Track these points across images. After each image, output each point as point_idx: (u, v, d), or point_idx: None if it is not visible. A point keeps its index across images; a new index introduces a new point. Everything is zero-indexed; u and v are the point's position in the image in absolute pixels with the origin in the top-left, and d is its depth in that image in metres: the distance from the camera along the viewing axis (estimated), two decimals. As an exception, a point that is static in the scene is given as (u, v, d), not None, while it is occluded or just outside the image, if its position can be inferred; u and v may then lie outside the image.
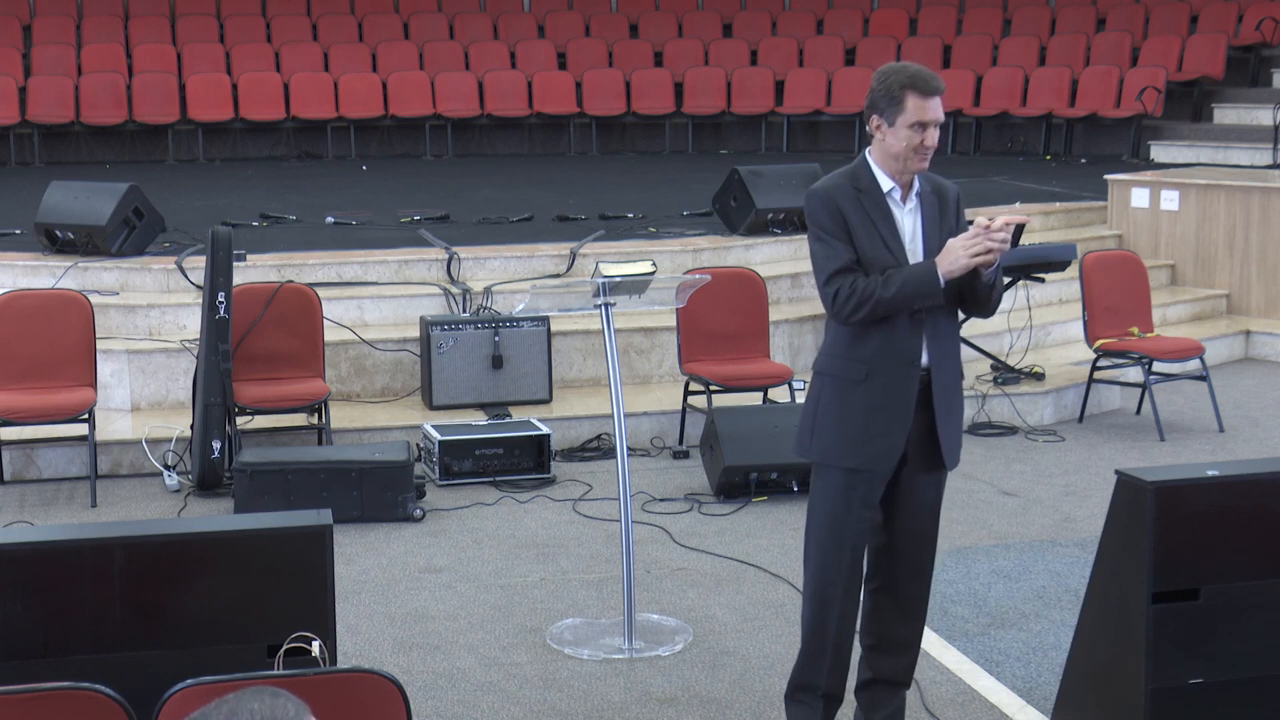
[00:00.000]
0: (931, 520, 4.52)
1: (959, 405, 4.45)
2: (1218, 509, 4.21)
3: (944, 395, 4.36)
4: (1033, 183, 13.19)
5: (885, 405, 4.29)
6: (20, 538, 3.80)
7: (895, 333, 4.28)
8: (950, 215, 4.38)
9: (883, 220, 4.29)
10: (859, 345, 4.32)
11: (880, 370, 4.29)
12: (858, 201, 4.30)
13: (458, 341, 8.07)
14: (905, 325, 4.28)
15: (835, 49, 17.46)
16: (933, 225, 4.33)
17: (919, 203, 4.35)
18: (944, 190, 4.41)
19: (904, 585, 4.51)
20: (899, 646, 4.54)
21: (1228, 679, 4.27)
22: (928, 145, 4.23)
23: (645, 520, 6.73)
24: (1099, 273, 8.55)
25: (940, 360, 4.36)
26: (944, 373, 4.37)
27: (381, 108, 16.24)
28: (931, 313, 4.31)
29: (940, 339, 4.36)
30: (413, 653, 5.36)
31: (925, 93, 4.23)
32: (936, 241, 4.30)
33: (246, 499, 6.78)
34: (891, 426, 4.29)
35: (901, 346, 4.29)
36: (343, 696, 3.02)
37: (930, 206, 4.36)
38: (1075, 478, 7.50)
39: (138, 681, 3.22)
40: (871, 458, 4.32)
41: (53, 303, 7.43)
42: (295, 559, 3.67)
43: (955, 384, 4.42)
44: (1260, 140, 14.46)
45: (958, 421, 4.43)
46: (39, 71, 15.96)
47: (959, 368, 4.46)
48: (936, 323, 4.33)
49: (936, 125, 4.27)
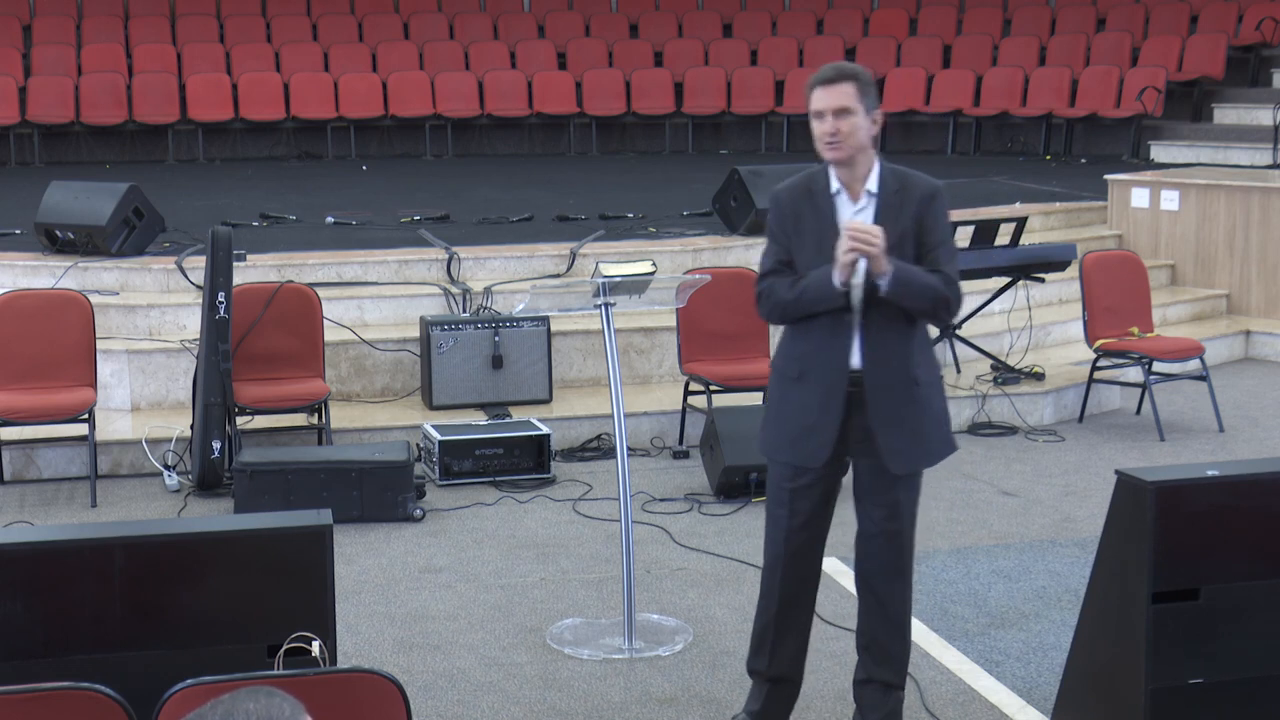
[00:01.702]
0: (895, 522, 4.44)
1: (911, 411, 4.35)
2: (1218, 509, 4.21)
3: (883, 400, 4.32)
4: (1033, 183, 13.19)
5: (815, 405, 4.37)
6: (20, 538, 3.80)
7: (825, 335, 4.35)
8: (910, 214, 4.31)
9: (822, 219, 4.33)
10: (795, 344, 4.45)
11: (811, 370, 4.38)
12: (808, 202, 4.37)
13: (458, 341, 8.07)
14: (833, 328, 4.33)
15: (835, 49, 17.44)
16: (884, 223, 4.28)
17: (873, 201, 4.33)
18: (910, 189, 4.35)
19: (879, 586, 4.51)
20: (883, 648, 4.53)
21: (1228, 679, 4.27)
22: (828, 133, 4.24)
23: (645, 520, 6.73)
24: (1099, 273, 8.55)
25: (879, 365, 4.33)
26: (884, 378, 4.33)
27: (381, 108, 16.25)
28: (870, 316, 4.29)
29: (880, 343, 4.32)
30: (413, 653, 5.37)
31: (819, 83, 4.28)
32: (889, 243, 4.25)
33: (246, 499, 6.78)
34: (819, 427, 4.36)
35: (830, 349, 4.34)
36: (343, 696, 3.02)
37: (888, 205, 4.32)
38: (1075, 478, 7.50)
39: (138, 681, 3.22)
40: (802, 455, 4.42)
41: (53, 303, 7.43)
42: (295, 559, 3.67)
43: (904, 390, 4.35)
44: (1260, 140, 14.46)
45: (905, 428, 4.35)
46: (39, 71, 15.96)
47: (911, 373, 4.35)
48: (875, 327, 4.31)
49: (836, 113, 4.24)
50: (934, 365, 4.49)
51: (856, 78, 4.27)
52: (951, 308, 4.35)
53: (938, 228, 4.34)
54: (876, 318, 4.30)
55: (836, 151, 4.27)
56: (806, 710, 4.86)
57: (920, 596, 5.85)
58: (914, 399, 4.36)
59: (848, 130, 4.24)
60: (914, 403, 4.36)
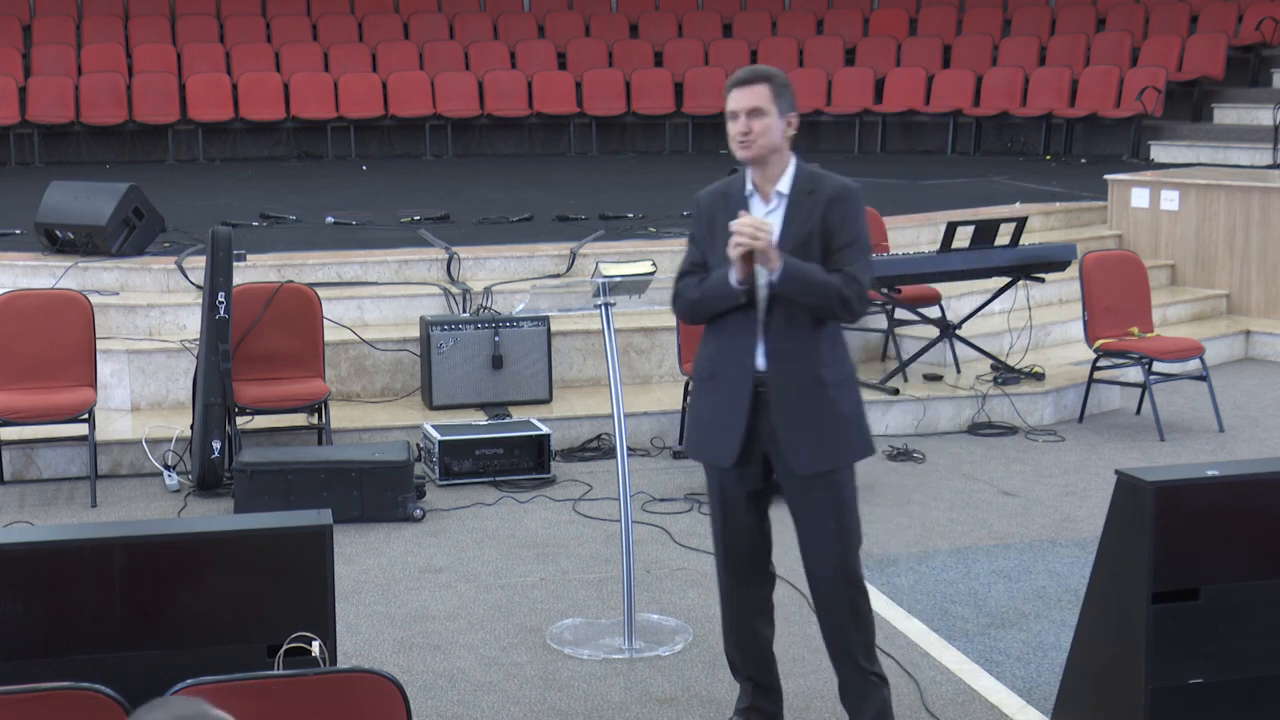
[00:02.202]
0: (817, 521, 4.41)
1: (816, 411, 4.34)
2: (1218, 509, 4.21)
3: (786, 400, 4.34)
4: (1033, 183, 13.19)
5: (724, 405, 4.42)
6: (20, 538, 3.80)
7: (732, 335, 4.41)
8: (818, 214, 4.32)
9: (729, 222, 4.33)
10: (707, 344, 4.51)
11: (720, 370, 4.44)
12: (724, 205, 4.41)
13: (458, 341, 8.07)
14: (740, 328, 4.37)
15: (835, 49, 17.46)
16: (792, 226, 4.31)
17: (783, 202, 4.37)
18: (822, 190, 4.36)
19: (814, 584, 4.50)
20: (832, 647, 4.53)
21: (1228, 679, 4.27)
22: (740, 132, 4.30)
23: (645, 520, 6.73)
24: (1099, 273, 8.55)
25: (784, 366, 4.34)
26: (787, 378, 4.34)
27: (381, 108, 16.25)
28: (774, 315, 4.32)
29: (784, 343, 4.34)
30: (413, 653, 5.37)
31: (735, 84, 4.34)
32: (790, 240, 4.29)
33: (246, 499, 6.78)
34: (728, 426, 4.41)
35: (736, 349, 4.40)
36: (343, 696, 3.02)
37: (798, 207, 4.35)
38: (1075, 478, 7.50)
39: (138, 681, 3.21)
40: (714, 454, 4.48)
41: (53, 303, 7.43)
42: (295, 559, 3.67)
43: (808, 390, 4.34)
44: (1260, 140, 14.46)
45: (810, 428, 4.34)
46: (39, 71, 15.96)
47: (816, 373, 4.34)
48: (779, 326, 4.33)
49: (749, 113, 4.29)
50: (845, 366, 4.46)
51: (771, 80, 4.33)
52: (851, 306, 4.31)
53: (844, 228, 4.32)
54: (780, 317, 4.33)
55: (747, 150, 4.32)
56: (806, 710, 4.86)
57: (920, 596, 5.86)
58: (820, 399, 4.35)
59: (760, 130, 4.29)
60: (820, 402, 4.35)
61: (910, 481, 7.43)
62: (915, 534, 6.65)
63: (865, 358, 9.28)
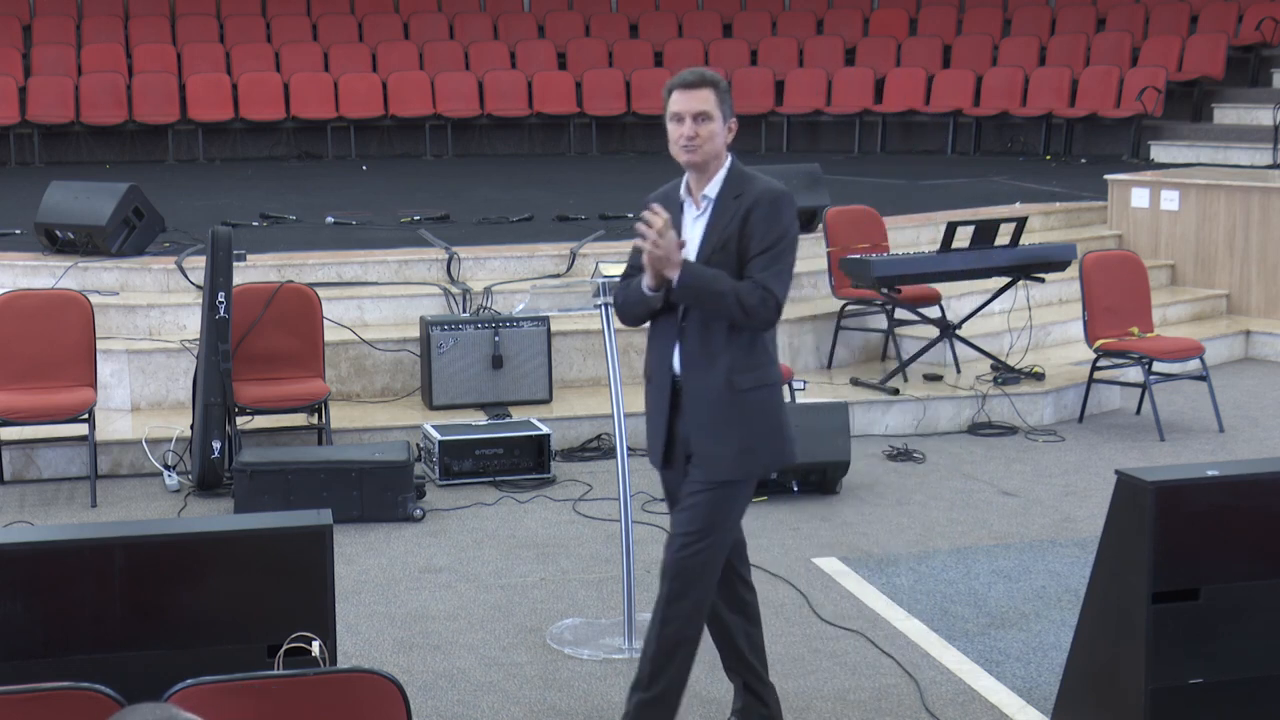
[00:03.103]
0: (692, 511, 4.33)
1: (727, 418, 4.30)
2: (1218, 509, 4.21)
3: (697, 405, 4.34)
4: (1033, 183, 13.20)
5: (653, 407, 4.50)
6: (20, 538, 3.80)
7: (658, 338, 4.46)
8: (739, 218, 4.26)
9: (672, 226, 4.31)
10: (651, 345, 4.55)
11: (652, 373, 4.50)
12: (665, 209, 4.37)
13: (458, 341, 8.07)
14: (664, 331, 4.41)
15: (835, 49, 17.46)
16: (714, 233, 4.29)
17: (709, 209, 4.35)
18: (748, 193, 4.30)
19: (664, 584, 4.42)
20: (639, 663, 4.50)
21: (1228, 679, 4.27)
22: (686, 136, 4.26)
23: (645, 520, 6.73)
24: (1099, 273, 8.55)
25: (695, 371, 4.33)
26: (699, 383, 4.33)
27: (381, 108, 16.25)
28: (689, 320, 4.31)
29: (699, 348, 4.32)
30: (413, 653, 5.37)
31: (679, 86, 4.31)
32: (708, 246, 4.28)
33: (246, 499, 6.78)
34: (655, 428, 4.49)
35: (662, 352, 4.44)
36: (343, 696, 3.02)
37: (723, 214, 4.32)
38: (1075, 478, 7.50)
39: (138, 681, 3.21)
40: (651, 455, 4.55)
41: (53, 303, 7.43)
42: (295, 559, 3.67)
43: (720, 395, 4.30)
44: (1260, 140, 14.46)
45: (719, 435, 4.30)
46: (39, 71, 15.96)
47: (730, 379, 4.29)
48: (694, 331, 4.32)
49: (695, 118, 4.26)
50: (764, 373, 4.37)
51: (716, 85, 4.30)
52: (755, 314, 4.21)
53: (760, 236, 4.26)
54: (695, 322, 4.33)
55: (692, 155, 4.29)
56: (806, 711, 4.86)
57: (920, 596, 5.87)
58: (732, 405, 4.31)
59: (705, 135, 4.26)
60: (732, 409, 4.31)
61: (910, 481, 7.43)
62: (915, 534, 6.65)
63: (865, 358, 9.28)
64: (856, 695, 4.98)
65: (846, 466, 7.17)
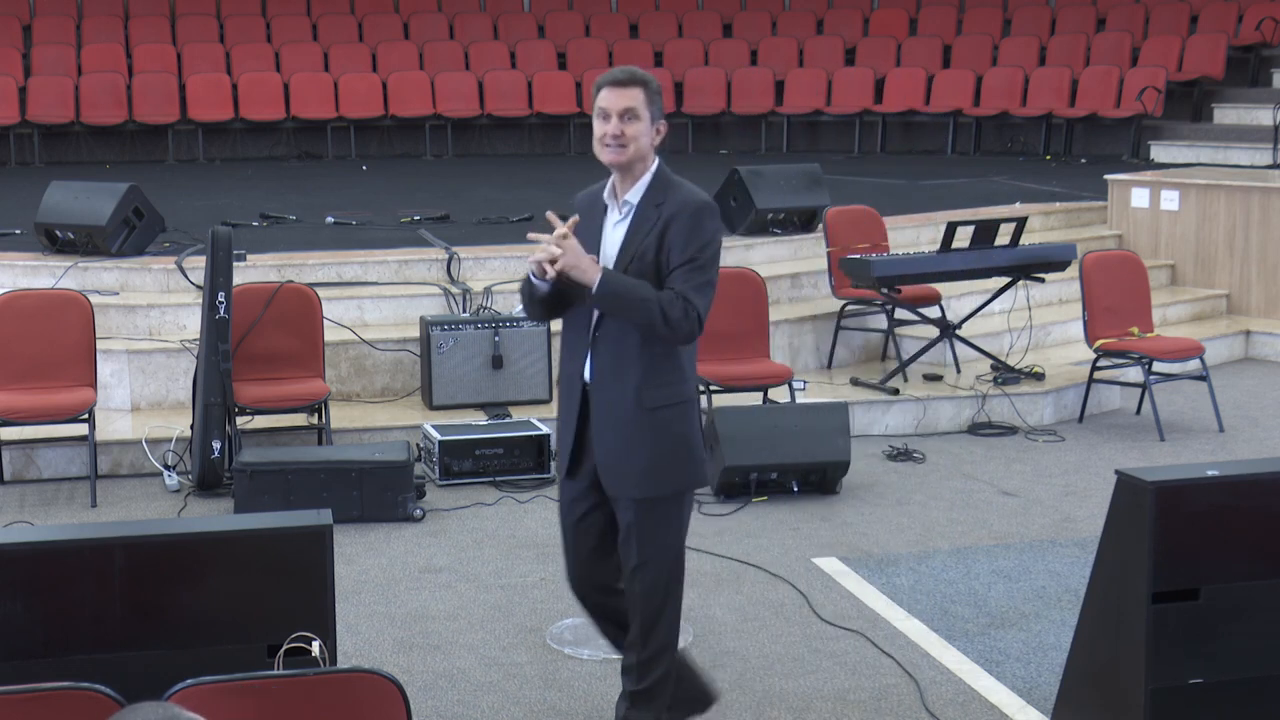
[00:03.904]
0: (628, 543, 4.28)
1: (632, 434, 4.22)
2: (1218, 509, 4.21)
3: (604, 418, 4.24)
4: (1033, 183, 13.20)
5: (563, 414, 4.38)
6: (20, 538, 3.80)
7: (571, 347, 4.34)
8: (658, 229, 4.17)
9: (591, 230, 4.26)
10: (561, 355, 4.43)
11: (564, 380, 4.39)
12: (588, 209, 4.32)
13: (458, 341, 8.06)
14: (576, 338, 4.30)
15: (835, 49, 17.46)
16: (634, 239, 4.20)
17: (629, 214, 4.24)
18: (670, 202, 4.20)
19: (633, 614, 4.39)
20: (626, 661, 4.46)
21: (1228, 679, 4.27)
22: (611, 134, 4.16)
23: (645, 520, 6.72)
24: (1099, 273, 8.55)
25: (605, 382, 4.23)
26: (607, 395, 4.23)
27: (381, 108, 16.25)
28: (602, 331, 4.22)
29: (610, 360, 4.22)
30: (413, 653, 5.37)
31: (609, 83, 4.21)
32: (626, 255, 4.19)
33: (246, 499, 6.78)
34: (564, 438, 4.37)
35: (573, 359, 4.33)
36: (343, 696, 3.02)
37: (643, 222, 4.21)
38: (1075, 478, 7.50)
39: (138, 681, 3.21)
40: (560, 464, 4.42)
41: (53, 303, 7.43)
42: (295, 559, 3.67)
43: (627, 409, 4.21)
44: (1260, 140, 14.46)
45: (623, 450, 4.23)
46: (39, 71, 15.96)
47: (637, 393, 4.21)
48: (605, 343, 4.22)
49: (621, 115, 4.15)
50: (677, 389, 4.28)
51: (647, 84, 4.20)
52: (677, 327, 4.11)
53: (679, 247, 4.15)
54: (610, 333, 4.21)
55: (616, 154, 4.18)
56: (806, 710, 4.87)
57: (920, 596, 5.87)
58: (640, 422, 4.22)
59: (631, 134, 4.15)
60: (640, 426, 4.22)
61: (910, 481, 7.43)
62: (915, 534, 6.65)
63: (865, 358, 9.29)
64: (856, 695, 4.98)
65: (846, 466, 7.17)
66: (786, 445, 7.11)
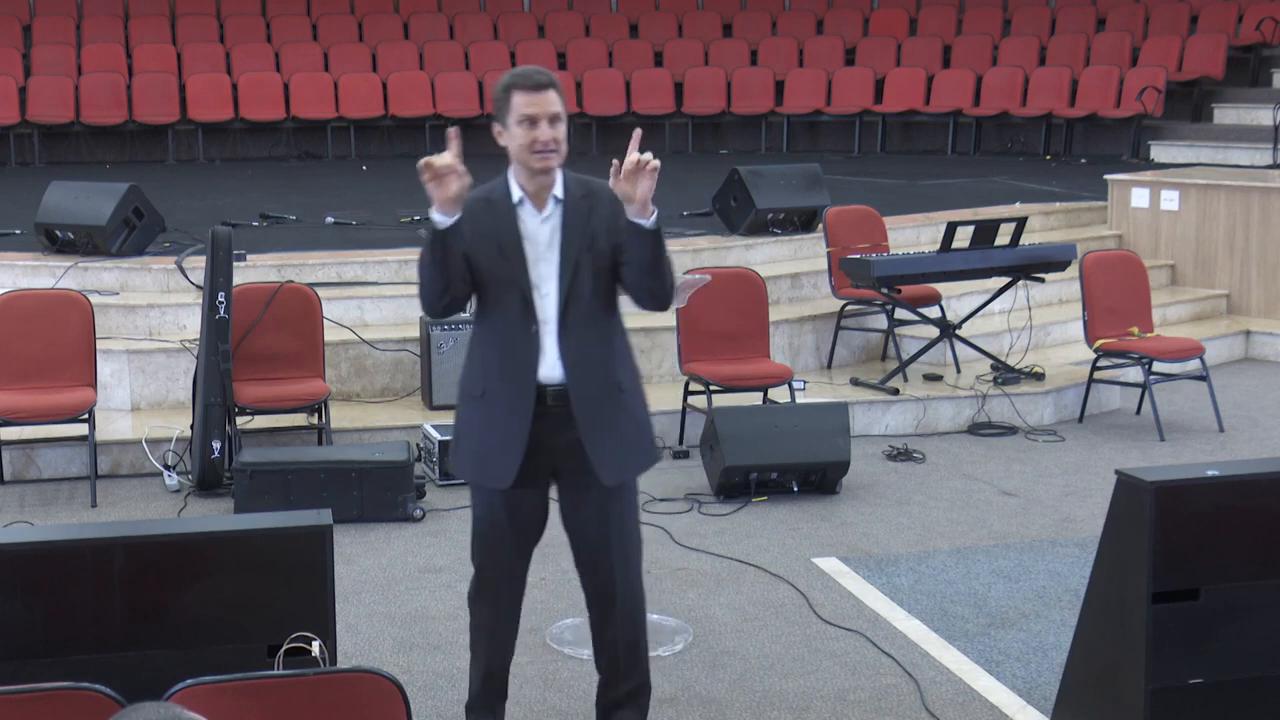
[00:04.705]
0: (603, 537, 4.33)
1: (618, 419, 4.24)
2: (1218, 509, 4.21)
3: (590, 409, 4.18)
4: (1033, 183, 13.20)
5: (499, 424, 4.22)
6: (20, 538, 3.79)
7: (510, 350, 4.19)
8: (603, 214, 4.17)
9: (506, 232, 4.17)
10: (480, 360, 4.28)
11: (495, 387, 4.23)
12: (485, 213, 4.20)
13: (458, 342, 8.06)
14: (520, 343, 4.18)
15: (835, 49, 17.47)
16: (575, 229, 4.17)
17: (559, 209, 4.19)
18: (597, 192, 4.22)
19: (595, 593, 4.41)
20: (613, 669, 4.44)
21: (1228, 679, 4.27)
22: (543, 140, 4.08)
23: (645, 520, 6.71)
24: (1099, 273, 8.55)
25: (583, 371, 4.18)
26: (588, 386, 4.18)
27: (381, 108, 16.25)
28: (569, 322, 4.16)
29: (582, 350, 4.18)
30: (413, 653, 5.37)
31: (528, 87, 4.08)
32: (578, 244, 4.16)
33: (246, 499, 6.78)
34: (505, 446, 4.20)
35: (517, 361, 4.18)
36: (343, 696, 3.02)
37: (574, 211, 4.19)
38: (1075, 478, 7.50)
39: (138, 681, 3.21)
40: (488, 475, 4.26)
41: (53, 303, 7.43)
42: (295, 559, 3.67)
43: (609, 396, 4.22)
44: (1260, 140, 14.46)
45: (614, 436, 4.23)
46: (39, 71, 15.96)
47: (615, 378, 4.24)
48: (575, 333, 4.17)
49: (551, 120, 4.09)
50: (635, 370, 4.35)
51: (557, 84, 4.15)
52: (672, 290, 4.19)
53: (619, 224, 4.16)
54: (576, 324, 4.17)
55: (553, 160, 4.12)
56: (806, 710, 4.86)
57: (920, 596, 5.86)
58: (620, 405, 4.25)
59: (561, 138, 4.12)
60: (620, 409, 4.25)
61: (910, 481, 7.43)
62: (915, 534, 6.65)
63: (865, 358, 9.28)
64: (856, 695, 4.98)
65: (846, 466, 7.17)
66: (786, 445, 7.11)
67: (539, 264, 4.18)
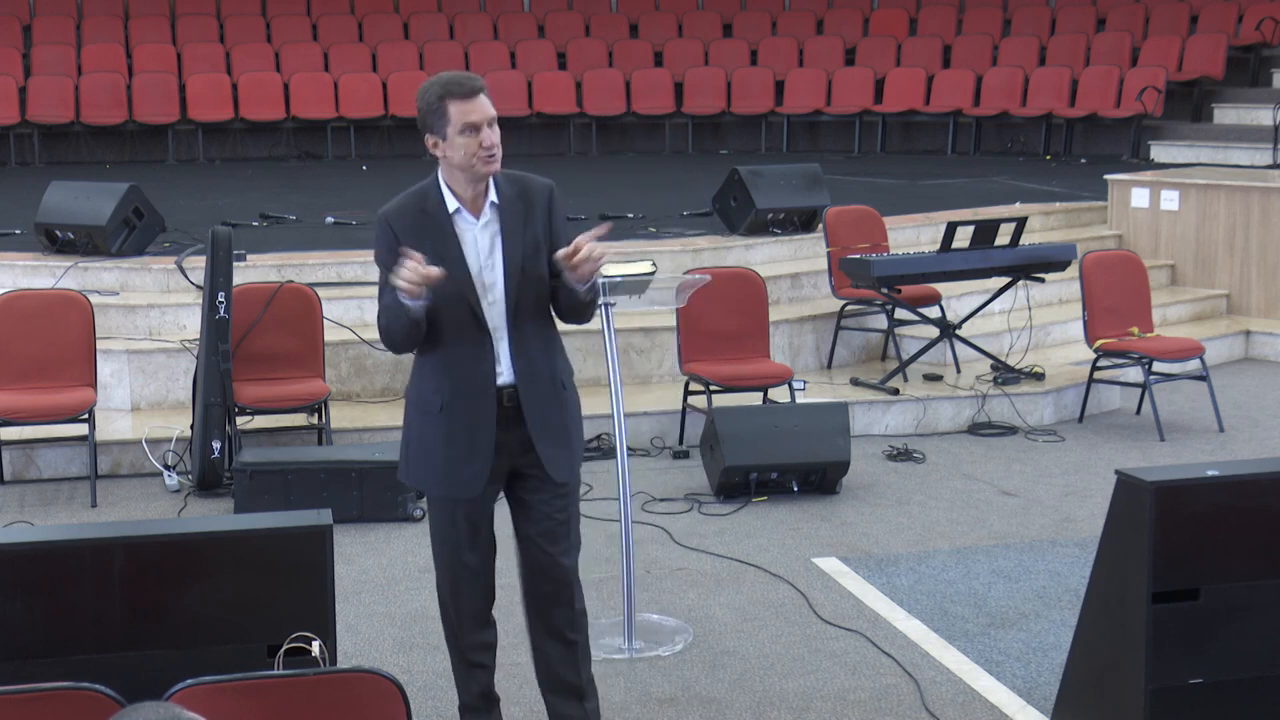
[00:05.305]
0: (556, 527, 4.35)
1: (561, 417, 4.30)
2: (1218, 509, 4.21)
3: (539, 410, 4.24)
4: (1033, 183, 13.20)
5: (462, 433, 4.22)
6: (20, 538, 3.79)
7: (466, 361, 4.18)
8: (539, 217, 4.20)
9: (446, 242, 4.15)
10: (432, 374, 4.26)
11: (454, 399, 4.21)
12: (420, 224, 4.20)
13: (458, 341, 8.06)
14: (475, 353, 4.17)
15: (835, 49, 17.47)
16: (515, 235, 4.17)
17: (496, 214, 4.19)
18: (530, 192, 4.23)
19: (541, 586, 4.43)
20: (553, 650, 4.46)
21: (1228, 679, 4.27)
22: (488, 145, 4.08)
23: (645, 520, 6.73)
24: (1099, 273, 8.55)
25: (531, 373, 4.22)
26: (536, 387, 4.24)
27: (381, 108, 16.25)
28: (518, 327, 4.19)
29: (530, 353, 4.22)
30: (413, 653, 5.37)
31: (464, 95, 4.07)
32: (520, 250, 4.16)
33: (246, 499, 6.78)
34: (472, 455, 4.22)
35: (473, 371, 4.18)
36: (343, 696, 3.02)
37: (512, 215, 4.18)
38: (1075, 478, 7.50)
39: (138, 681, 3.21)
40: (456, 486, 4.27)
41: (53, 303, 7.43)
42: (295, 559, 3.67)
43: (554, 396, 4.29)
44: (1260, 140, 14.46)
45: (559, 435, 4.29)
46: (39, 71, 15.96)
47: (555, 378, 4.30)
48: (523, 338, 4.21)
49: (491, 124, 4.09)
50: (569, 365, 4.43)
51: (486, 88, 4.15)
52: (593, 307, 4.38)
53: (566, 228, 4.25)
54: (525, 328, 4.20)
55: (496, 164, 4.11)
56: (806, 710, 4.86)
57: (920, 596, 5.86)
58: (563, 403, 4.32)
59: (499, 141, 4.12)
60: (563, 408, 4.32)
61: (910, 481, 7.43)
62: (915, 534, 6.65)
63: (865, 357, 9.29)
64: (856, 695, 4.98)
65: (846, 466, 7.17)
66: (786, 445, 7.11)
67: (483, 273, 4.19)
